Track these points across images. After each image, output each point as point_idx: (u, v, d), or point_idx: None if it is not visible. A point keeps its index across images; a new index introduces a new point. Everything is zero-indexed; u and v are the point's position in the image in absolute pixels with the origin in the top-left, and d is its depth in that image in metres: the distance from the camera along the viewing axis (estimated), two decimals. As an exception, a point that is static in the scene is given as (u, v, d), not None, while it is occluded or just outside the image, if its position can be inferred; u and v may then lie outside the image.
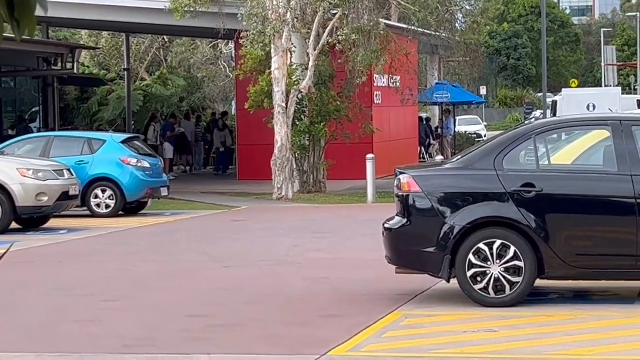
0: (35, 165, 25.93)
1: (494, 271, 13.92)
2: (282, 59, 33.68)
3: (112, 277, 18.03)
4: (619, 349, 11.40)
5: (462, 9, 43.16)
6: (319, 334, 12.45)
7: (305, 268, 18.25)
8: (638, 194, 13.80)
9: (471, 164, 14.74)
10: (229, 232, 25.59)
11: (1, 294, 15.41)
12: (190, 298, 15.47)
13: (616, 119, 15.67)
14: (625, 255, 13.98)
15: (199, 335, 12.70)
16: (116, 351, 11.75)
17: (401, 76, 43.58)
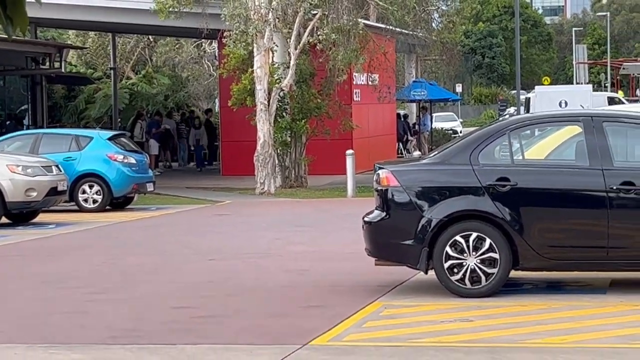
0: (24, 162, 25.94)
1: (470, 263, 13.98)
2: (264, 57, 33.72)
3: (99, 270, 18.04)
4: (591, 337, 11.46)
5: (438, 9, 43.35)
6: (301, 324, 12.48)
7: (287, 260, 18.27)
8: (609, 187, 13.87)
9: (447, 159, 14.78)
10: (213, 226, 25.60)
11: None
12: (176, 290, 15.48)
13: (587, 115, 15.72)
14: (597, 246, 14.05)
15: (185, 326, 12.70)
16: (104, 342, 11.74)
17: (379, 74, 43.67)
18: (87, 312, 13.88)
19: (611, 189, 13.94)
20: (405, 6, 35.75)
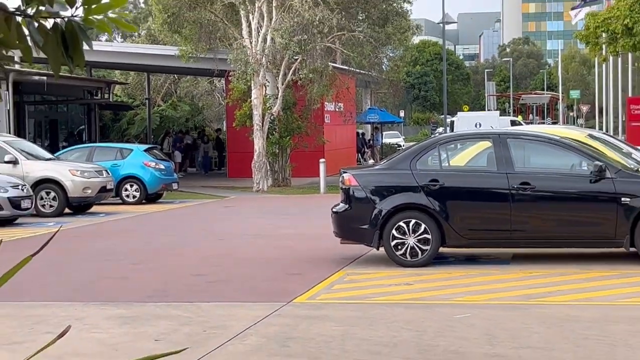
0: (82, 168, 25.91)
1: (410, 242, 14.02)
2: (259, 91, 33.65)
3: (137, 247, 17.98)
4: (498, 296, 11.58)
5: (387, 55, 43.21)
6: (286, 287, 12.50)
7: (276, 240, 18.24)
8: (511, 186, 13.93)
9: (394, 166, 14.87)
10: (221, 214, 25.55)
11: (58, 259, 15.34)
12: (194, 262, 15.47)
13: (495, 133, 15.80)
14: (502, 229, 14.14)
15: (201, 288, 12.74)
16: (140, 300, 11.79)
17: (344, 103, 43.67)
18: (128, 278, 13.87)
19: (513, 188, 14.00)
20: (363, 53, 35.73)
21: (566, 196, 14.06)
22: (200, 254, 16.52)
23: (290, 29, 32.24)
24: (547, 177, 14.18)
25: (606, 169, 13.94)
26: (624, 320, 9.88)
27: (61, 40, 2.87)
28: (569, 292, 11.74)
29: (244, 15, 33.64)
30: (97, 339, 9.44)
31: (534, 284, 12.42)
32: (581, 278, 12.74)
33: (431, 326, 9.75)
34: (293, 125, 35.23)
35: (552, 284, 12.35)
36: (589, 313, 10.30)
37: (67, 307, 11.41)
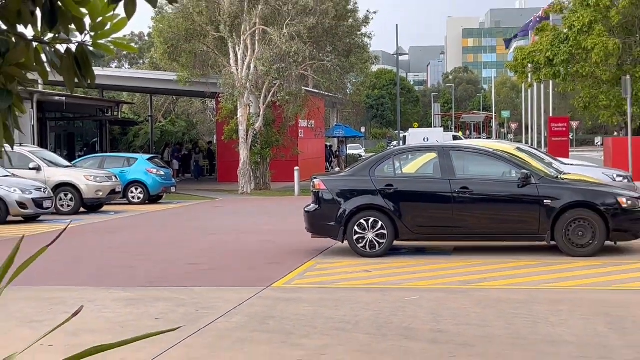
0: (94, 173, 25.87)
1: (369, 236, 14.02)
2: (244, 110, 33.61)
3: (141, 241, 17.89)
4: (442, 281, 11.58)
5: (350, 81, 43.37)
6: (266, 274, 12.45)
7: (258, 234, 18.18)
8: (453, 190, 13.98)
9: (356, 173, 14.88)
10: (212, 213, 25.46)
11: (74, 250, 15.25)
12: (189, 253, 15.38)
13: (440, 146, 15.86)
14: (446, 226, 14.15)
15: (194, 275, 12.67)
16: (144, 285, 11.74)
17: (315, 120, 43.77)
18: (134, 267, 13.77)
19: (454, 191, 14.04)
20: (330, 79, 35.82)
21: (498, 198, 14.10)
22: (194, 247, 16.45)
23: (270, 59, 32.29)
24: (483, 182, 14.22)
25: (531, 176, 14.04)
26: (546, 301, 9.94)
27: (74, 62, 2.85)
28: (501, 278, 11.83)
29: (232, 47, 33.63)
30: (106, 317, 9.40)
31: (472, 271, 12.43)
32: (511, 266, 12.82)
33: (386, 307, 9.76)
34: (272, 139, 35.29)
35: (487, 271, 12.41)
36: (517, 296, 10.36)
37: (81, 290, 11.35)
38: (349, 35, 36.87)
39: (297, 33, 32.07)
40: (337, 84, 37.71)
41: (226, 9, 32.79)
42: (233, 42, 33.52)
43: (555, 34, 33.11)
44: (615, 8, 31.17)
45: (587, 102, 33.33)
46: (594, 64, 31.38)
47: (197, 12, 33.34)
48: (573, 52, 32.05)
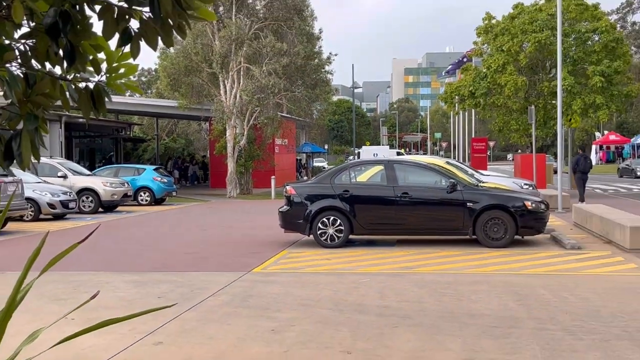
0: (110, 180, 25.65)
1: (330, 231, 14.04)
2: (231, 130, 33.53)
3: (147, 234, 17.72)
4: (387, 267, 11.59)
5: (316, 108, 43.38)
6: (247, 261, 12.39)
7: (242, 229, 18.12)
8: (396, 195, 14.04)
9: (320, 181, 14.87)
10: (205, 213, 25.27)
11: (93, 242, 15.08)
12: (186, 244, 15.27)
13: (386, 160, 15.93)
14: (390, 223, 14.20)
15: (190, 262, 12.58)
16: (149, 270, 11.64)
17: (287, 139, 43.67)
18: (141, 255, 13.66)
19: (397, 196, 14.10)
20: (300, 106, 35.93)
21: (431, 201, 14.18)
22: (190, 239, 16.33)
23: (252, 90, 32.28)
24: (419, 189, 14.30)
25: (457, 184, 14.16)
26: (468, 283, 10.00)
27: (90, 97, 2.83)
28: (433, 264, 11.87)
29: (222, 80, 33.54)
30: (118, 296, 9.31)
31: (411, 259, 12.48)
32: (441, 255, 12.89)
33: (343, 287, 9.76)
34: (254, 154, 35.21)
35: (423, 259, 12.46)
36: (446, 278, 10.42)
37: (99, 274, 11.23)
38: (315, 72, 36.99)
39: (273, 70, 32.18)
40: (305, 111, 37.91)
41: (217, 50, 32.79)
42: (223, 76, 33.44)
43: (476, 72, 33.39)
44: (523, 53, 31.52)
45: (501, 126, 33.62)
46: (506, 96, 31.70)
47: (194, 53, 33.27)
48: (490, 87, 32.34)
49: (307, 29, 35.88)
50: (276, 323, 7.66)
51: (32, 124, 2.66)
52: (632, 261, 11.87)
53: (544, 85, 31.61)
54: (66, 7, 2.46)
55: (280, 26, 33.94)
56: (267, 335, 7.16)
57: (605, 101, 30.25)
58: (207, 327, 7.52)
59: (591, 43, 31.60)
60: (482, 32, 33.75)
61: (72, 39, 2.55)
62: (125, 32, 2.58)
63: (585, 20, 32.02)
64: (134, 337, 7.02)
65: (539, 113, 30.49)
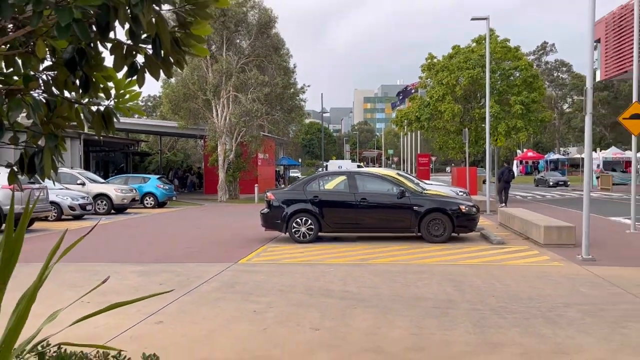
0: (121, 187, 25.33)
1: (302, 229, 13.99)
2: (222, 147, 33.35)
3: (151, 232, 17.48)
4: (348, 259, 11.55)
5: (292, 129, 43.55)
6: (234, 254, 12.29)
7: (230, 229, 17.97)
8: (356, 200, 14.05)
9: (294, 188, 14.80)
10: (200, 214, 25.03)
11: (106, 238, 14.86)
12: (184, 241, 15.09)
13: (349, 171, 15.89)
14: (352, 223, 14.21)
15: (187, 255, 12.41)
16: (152, 262, 11.44)
17: (268, 154, 43.51)
18: (146, 249, 13.44)
19: (357, 200, 14.12)
20: (279, 127, 36.03)
21: (385, 205, 14.22)
22: (187, 236, 16.14)
23: (239, 114, 32.23)
24: (375, 195, 14.34)
25: (406, 191, 14.23)
26: (414, 272, 10.02)
27: (101, 118, 2.78)
28: (386, 256, 11.88)
29: (214, 105, 33.36)
30: (126, 284, 9.15)
31: (369, 252, 12.48)
32: (393, 249, 12.91)
33: (313, 276, 9.72)
34: (240, 166, 35.04)
35: (378, 252, 12.47)
36: (396, 268, 10.43)
37: (110, 265, 11.03)
38: (290, 99, 36.98)
39: (257, 97, 32.15)
40: (283, 131, 38.01)
41: (210, 81, 32.66)
42: (215, 102, 33.28)
43: (421, 101, 33.66)
44: (459, 86, 31.87)
45: (441, 144, 33.91)
46: (445, 121, 32.01)
47: (191, 83, 33.09)
48: (432, 113, 32.62)
49: (284, 64, 35.90)
50: (258, 305, 7.59)
51: (53, 142, 2.60)
52: (545, 254, 12.03)
53: (475, 111, 31.99)
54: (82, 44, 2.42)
55: (262, 61, 33.95)
56: (250, 315, 7.10)
57: (524, 125, 30.74)
58: (200, 309, 7.43)
59: (513, 78, 32.11)
60: (426, 68, 34.05)
61: (87, 71, 2.51)
62: (133, 65, 2.55)
63: (508, 60, 32.52)
64: (139, 317, 6.90)
65: (471, 134, 30.84)
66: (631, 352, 5.62)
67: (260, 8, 33.93)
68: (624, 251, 12.38)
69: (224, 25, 32.52)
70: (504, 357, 5.48)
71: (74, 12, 2.08)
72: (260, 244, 14.00)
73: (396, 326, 6.56)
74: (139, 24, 2.21)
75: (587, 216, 11.67)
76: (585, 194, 11.71)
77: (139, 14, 2.15)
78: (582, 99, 32.91)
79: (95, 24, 2.25)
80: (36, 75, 2.69)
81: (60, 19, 2.07)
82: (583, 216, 11.73)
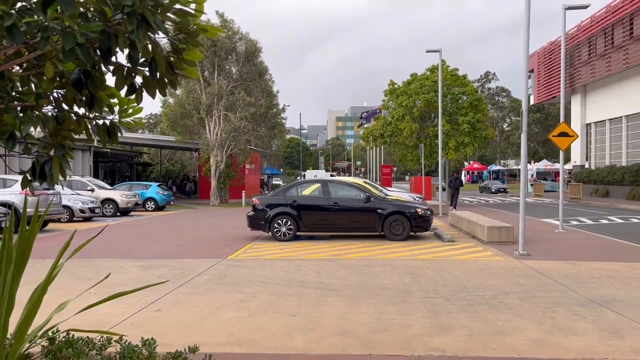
0: (126, 192, 24.83)
1: (283, 229, 13.89)
2: (214, 158, 33.04)
3: (151, 232, 17.19)
4: (323, 254, 11.47)
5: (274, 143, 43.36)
6: (223, 251, 12.15)
7: (220, 228, 17.74)
8: (329, 204, 14.01)
9: (276, 194, 14.71)
10: (194, 217, 24.70)
11: (112, 237, 14.57)
12: (180, 239, 14.85)
13: (323, 180, 15.81)
14: (325, 224, 14.15)
15: (183, 252, 12.20)
16: (152, 258, 11.23)
17: (254, 165, 43.23)
18: (147, 247, 13.19)
19: (330, 204, 14.08)
20: (263, 142, 35.84)
21: (354, 208, 14.21)
22: (182, 235, 15.90)
23: (229, 130, 32.02)
24: (346, 200, 14.32)
25: (371, 197, 14.25)
26: (378, 266, 10.02)
27: (106, 130, 2.72)
28: (354, 252, 11.84)
29: (207, 123, 33.08)
30: (129, 276, 8.97)
31: (340, 249, 12.43)
32: (360, 246, 12.88)
33: (291, 269, 9.66)
34: (230, 175, 34.73)
35: (347, 249, 12.43)
36: (363, 262, 10.41)
37: (116, 261, 10.79)
38: (273, 118, 36.86)
39: (244, 116, 32.03)
40: (267, 145, 37.80)
41: (204, 102, 32.45)
42: (208, 120, 33.01)
43: (384, 120, 33.88)
44: (416, 107, 32.17)
45: (401, 157, 34.12)
46: (404, 137, 32.24)
47: (187, 103, 32.84)
48: (394, 130, 32.84)
49: (268, 88, 35.82)
50: (243, 295, 7.50)
51: (61, 151, 2.54)
52: (488, 250, 12.14)
53: (429, 129, 32.30)
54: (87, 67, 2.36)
55: (248, 85, 33.84)
56: (237, 304, 7.01)
57: (471, 141, 31.13)
58: (193, 299, 7.31)
59: (461, 101, 32.52)
60: (388, 92, 34.30)
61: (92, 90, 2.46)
62: (132, 85, 2.50)
63: (457, 86, 32.93)
64: (140, 306, 6.76)
65: (426, 148, 31.12)
66: (559, 333, 5.69)
67: (247, 39, 33.93)
68: (554, 247, 12.57)
69: (215, 54, 32.41)
70: (454, 338, 5.50)
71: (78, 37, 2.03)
72: (246, 242, 13.86)
73: (363, 312, 6.54)
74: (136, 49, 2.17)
75: (523, 218, 11.84)
76: (522, 199, 11.88)
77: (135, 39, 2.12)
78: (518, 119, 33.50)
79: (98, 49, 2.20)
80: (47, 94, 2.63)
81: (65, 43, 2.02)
82: (519, 218, 11.89)
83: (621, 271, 9.29)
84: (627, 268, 9.63)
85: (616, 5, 32.82)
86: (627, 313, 6.43)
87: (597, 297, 7.30)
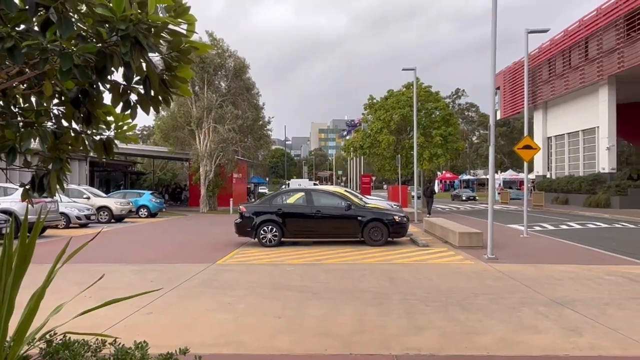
0: (120, 200, 24.49)
1: (268, 236, 13.81)
2: (204, 168, 32.84)
3: (144, 238, 16.96)
4: (306, 259, 11.45)
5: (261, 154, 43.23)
6: (212, 256, 12.03)
7: (209, 234, 17.60)
8: (312, 211, 13.98)
9: (263, 202, 14.64)
10: (185, 223, 24.45)
11: (107, 243, 14.33)
12: (173, 245, 14.66)
13: (307, 189, 15.79)
14: (308, 230, 14.10)
15: (175, 257, 12.03)
16: (145, 262, 11.06)
17: (241, 174, 43.01)
18: (140, 252, 12.99)
19: (313, 212, 14.05)
20: (250, 152, 35.76)
21: (335, 216, 14.19)
22: (174, 241, 15.71)
23: (218, 141, 31.91)
24: (328, 207, 14.31)
25: (352, 205, 14.27)
26: (359, 269, 10.01)
27: (102, 145, 2.69)
28: (336, 257, 11.83)
29: (197, 134, 32.92)
30: (123, 280, 8.82)
31: (322, 254, 12.40)
32: (342, 251, 12.87)
33: (276, 274, 9.60)
34: (218, 183, 34.55)
35: (329, 254, 12.41)
36: (344, 267, 10.40)
37: (110, 265, 10.60)
38: (260, 130, 36.86)
39: (232, 128, 31.96)
40: (253, 155, 37.76)
41: (194, 115, 32.34)
42: (198, 132, 32.86)
43: (364, 133, 34.08)
44: (393, 121, 32.45)
45: (379, 167, 34.30)
46: (382, 149, 32.45)
47: (178, 116, 32.76)
48: (372, 142, 33.04)
49: (254, 102, 35.83)
50: (231, 298, 7.43)
51: (58, 164, 2.51)
52: (460, 254, 12.23)
53: (405, 142, 32.55)
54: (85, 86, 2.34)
55: (236, 99, 33.82)
56: (225, 306, 6.94)
57: (443, 152, 31.46)
58: (184, 302, 7.22)
59: (434, 116, 32.88)
60: (367, 107, 34.54)
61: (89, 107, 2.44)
62: (127, 102, 2.49)
63: (430, 102, 33.31)
64: (133, 309, 6.65)
65: (402, 159, 31.34)
66: (524, 331, 5.75)
67: (235, 57, 33.99)
68: (519, 251, 12.71)
69: (203, 70, 32.41)
70: (428, 337, 5.51)
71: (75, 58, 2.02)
72: (234, 247, 13.75)
73: (343, 314, 6.52)
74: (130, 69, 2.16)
75: (491, 224, 11.96)
76: (490, 206, 12.01)
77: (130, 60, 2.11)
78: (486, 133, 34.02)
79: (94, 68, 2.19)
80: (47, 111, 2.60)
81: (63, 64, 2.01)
82: (488, 224, 12.01)
83: (579, 273, 9.44)
84: (584, 270, 9.78)
85: (572, 30, 33.71)
86: (585, 312, 6.53)
87: (558, 297, 7.40)
